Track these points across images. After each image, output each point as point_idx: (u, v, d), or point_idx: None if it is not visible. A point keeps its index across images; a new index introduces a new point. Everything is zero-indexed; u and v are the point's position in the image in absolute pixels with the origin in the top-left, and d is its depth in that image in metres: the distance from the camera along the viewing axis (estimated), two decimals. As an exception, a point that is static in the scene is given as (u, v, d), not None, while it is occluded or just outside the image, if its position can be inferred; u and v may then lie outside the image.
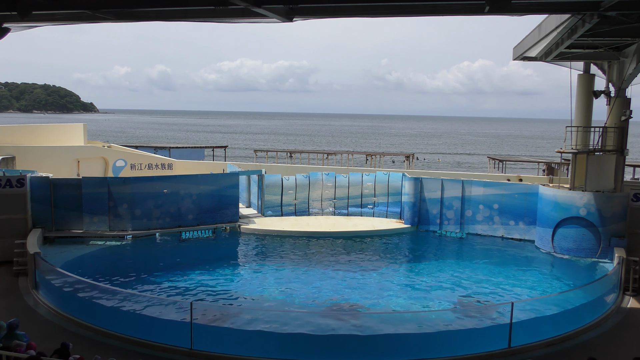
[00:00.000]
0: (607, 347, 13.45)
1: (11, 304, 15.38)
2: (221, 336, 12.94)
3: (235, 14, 14.60)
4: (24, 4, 13.77)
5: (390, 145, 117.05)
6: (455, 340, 12.87)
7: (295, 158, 68.73)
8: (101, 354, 10.23)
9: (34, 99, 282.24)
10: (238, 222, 25.18)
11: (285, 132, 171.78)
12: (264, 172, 27.46)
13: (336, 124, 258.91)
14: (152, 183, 23.66)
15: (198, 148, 55.59)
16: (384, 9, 14.30)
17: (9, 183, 20.17)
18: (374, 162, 58.63)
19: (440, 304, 16.69)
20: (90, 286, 14.77)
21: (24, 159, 30.37)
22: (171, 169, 34.64)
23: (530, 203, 23.45)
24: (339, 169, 33.17)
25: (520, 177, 30.69)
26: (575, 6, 14.51)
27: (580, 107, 23.41)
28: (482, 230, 24.76)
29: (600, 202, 20.73)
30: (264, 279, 18.88)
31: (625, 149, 22.31)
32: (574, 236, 21.48)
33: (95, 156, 33.99)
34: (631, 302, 16.53)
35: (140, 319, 13.41)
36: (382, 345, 12.42)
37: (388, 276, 19.42)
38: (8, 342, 9.99)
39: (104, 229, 22.67)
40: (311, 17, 14.82)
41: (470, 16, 15.34)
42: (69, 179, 24.20)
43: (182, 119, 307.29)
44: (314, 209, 28.02)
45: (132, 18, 16.00)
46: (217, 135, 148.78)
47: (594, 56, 22.41)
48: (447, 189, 25.21)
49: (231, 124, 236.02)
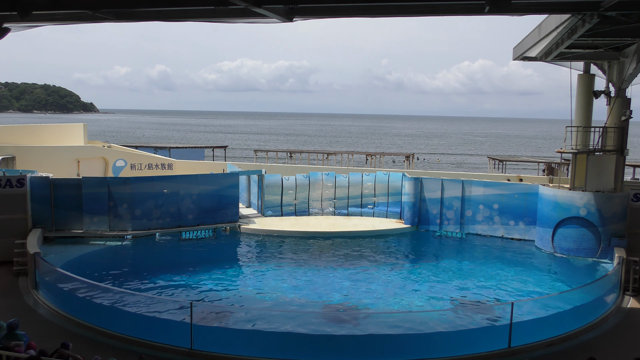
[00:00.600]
0: (607, 347, 13.45)
1: (11, 304, 15.38)
2: (221, 336, 12.94)
3: (235, 14, 14.61)
4: (24, 4, 13.77)
5: (391, 146, 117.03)
6: (455, 340, 12.86)
7: (295, 158, 68.72)
8: (101, 354, 10.23)
9: (34, 99, 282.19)
10: (238, 222, 25.17)
11: (286, 133, 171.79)
12: (264, 172, 27.46)
13: (336, 124, 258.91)
14: (152, 183, 23.65)
15: (198, 148, 55.61)
16: (384, 9, 14.30)
17: (9, 183, 20.17)
18: (374, 162, 58.63)
19: (440, 304, 16.67)
20: (90, 286, 14.76)
21: (24, 159, 30.36)
22: (171, 169, 34.64)
23: (530, 203, 23.45)
24: (339, 169, 33.18)
25: (520, 177, 30.69)
26: (575, 6, 14.52)
27: (580, 107, 23.41)
28: (482, 230, 24.76)
29: (600, 202, 20.73)
30: (264, 278, 18.88)
31: (626, 149, 22.31)
32: (574, 236, 21.47)
33: (95, 156, 33.99)
34: (631, 302, 16.53)
35: (140, 319, 13.41)
36: (381, 345, 12.42)
37: (388, 276, 19.41)
38: (8, 342, 10.00)
39: (104, 229, 22.67)
40: (311, 17, 14.82)
41: (470, 16, 15.36)
42: (69, 179, 24.19)
43: (182, 119, 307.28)
44: (314, 209, 28.02)
45: (132, 18, 16.01)
46: (217, 135, 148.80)
47: (594, 56, 22.40)
48: (447, 189, 25.21)
49: (231, 124, 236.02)
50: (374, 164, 58.43)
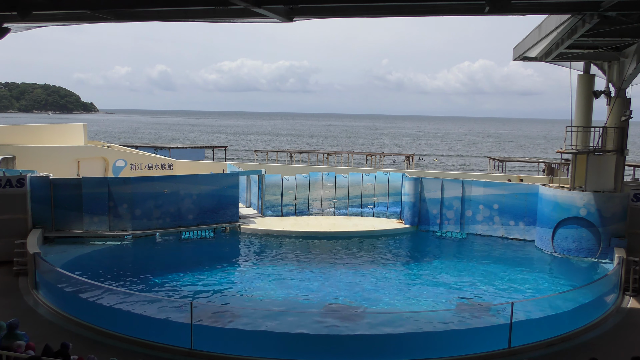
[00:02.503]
0: (607, 347, 13.44)
1: (11, 304, 15.37)
2: (221, 336, 12.93)
3: (235, 14, 14.62)
4: (24, 4, 13.79)
5: (392, 146, 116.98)
6: (455, 340, 12.86)
7: (295, 158, 68.71)
8: (101, 354, 10.24)
9: (34, 99, 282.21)
10: (238, 222, 25.18)
11: (286, 133, 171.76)
12: (264, 172, 27.46)
13: (337, 124, 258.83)
14: (152, 183, 23.66)
15: (198, 148, 55.58)
16: (384, 9, 14.30)
17: (9, 183, 20.17)
18: (374, 162, 58.61)
19: (440, 304, 16.67)
20: (90, 286, 14.77)
21: (24, 159, 30.37)
22: (171, 169, 34.65)
23: (530, 203, 23.45)
24: (339, 169, 33.18)
25: (520, 177, 30.68)
26: (575, 6, 14.52)
27: (580, 107, 23.40)
28: (482, 230, 24.75)
29: (600, 202, 20.72)
30: (264, 279, 18.87)
31: (626, 149, 22.30)
32: (574, 236, 21.47)
33: (95, 156, 34.00)
34: (631, 302, 16.52)
35: (140, 319, 13.41)
36: (382, 345, 12.42)
37: (388, 276, 19.42)
38: (8, 342, 9.99)
39: (104, 229, 22.67)
40: (311, 17, 14.82)
41: (470, 16, 15.36)
42: (69, 179, 24.20)
43: (182, 119, 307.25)
44: (314, 209, 28.01)
45: (132, 18, 16.01)
46: (217, 136, 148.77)
47: (594, 56, 22.40)
48: (447, 189, 25.21)
49: (232, 124, 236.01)
50: (374, 164, 58.41)
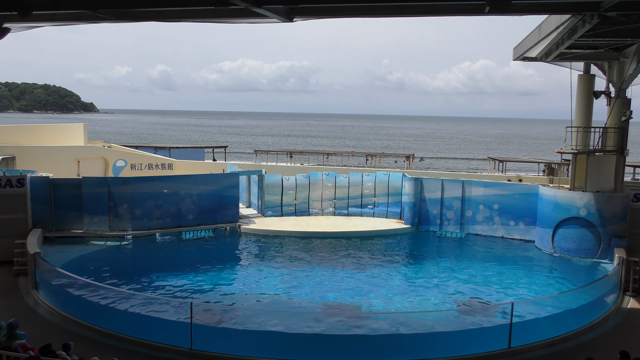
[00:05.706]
0: (607, 347, 13.42)
1: (11, 304, 15.38)
2: (221, 336, 12.94)
3: (236, 14, 14.62)
4: (24, 4, 13.80)
5: (392, 146, 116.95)
6: (455, 340, 12.86)
7: (295, 158, 68.72)
8: (101, 354, 10.23)
9: (34, 99, 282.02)
10: (238, 222, 25.18)
11: (286, 133, 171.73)
12: (264, 172, 27.47)
13: (337, 124, 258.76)
14: (152, 183, 23.67)
15: (198, 148, 55.54)
16: (384, 9, 14.30)
17: (9, 183, 20.18)
18: (374, 162, 58.60)
19: (441, 304, 16.67)
20: (90, 286, 14.78)
21: (24, 159, 30.40)
22: (171, 169, 34.66)
23: (530, 203, 23.45)
24: (339, 169, 33.19)
25: (520, 178, 30.68)
26: (575, 6, 14.52)
27: (580, 108, 23.40)
28: (482, 230, 24.76)
29: (601, 203, 20.72)
30: (264, 279, 18.87)
31: (626, 149, 22.29)
32: (574, 236, 21.47)
33: (96, 156, 34.01)
34: (631, 303, 16.53)
35: (140, 319, 13.42)
36: (382, 345, 12.42)
37: (388, 276, 19.41)
38: (8, 342, 9.99)
39: (104, 229, 22.67)
40: (311, 17, 14.82)
41: (470, 16, 15.35)
42: (69, 179, 24.21)
43: (182, 119, 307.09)
44: (314, 209, 28.01)
45: (132, 18, 16.01)
46: (217, 136, 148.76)
47: (594, 56, 22.40)
48: (447, 189, 25.21)
49: (232, 124, 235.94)
50: (374, 164, 58.40)
